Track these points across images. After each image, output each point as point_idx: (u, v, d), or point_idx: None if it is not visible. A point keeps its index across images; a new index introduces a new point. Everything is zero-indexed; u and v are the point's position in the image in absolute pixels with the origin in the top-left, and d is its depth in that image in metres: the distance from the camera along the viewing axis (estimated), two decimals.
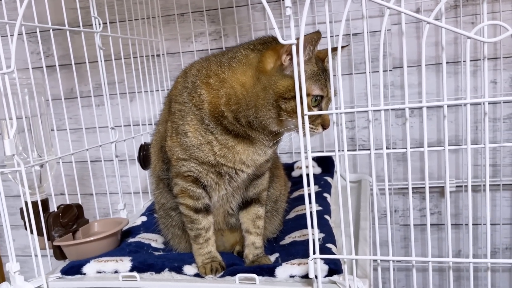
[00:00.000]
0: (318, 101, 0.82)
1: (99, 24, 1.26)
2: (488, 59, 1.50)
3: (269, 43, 0.85)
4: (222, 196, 0.93)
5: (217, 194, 0.93)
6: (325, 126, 0.84)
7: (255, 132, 0.86)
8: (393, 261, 0.78)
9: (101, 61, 1.28)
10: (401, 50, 1.55)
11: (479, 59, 1.49)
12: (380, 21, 1.56)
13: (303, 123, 0.73)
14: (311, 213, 0.75)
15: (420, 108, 1.44)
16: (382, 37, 0.71)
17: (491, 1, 1.44)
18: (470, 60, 1.51)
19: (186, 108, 0.87)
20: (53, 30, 1.09)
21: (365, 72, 1.63)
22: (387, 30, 1.54)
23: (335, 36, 1.59)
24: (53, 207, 1.06)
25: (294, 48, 0.71)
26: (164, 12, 1.71)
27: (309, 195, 0.75)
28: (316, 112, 0.80)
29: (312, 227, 0.76)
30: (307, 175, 0.74)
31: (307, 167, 0.73)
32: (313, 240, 0.76)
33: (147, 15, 1.62)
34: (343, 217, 1.17)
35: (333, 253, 0.89)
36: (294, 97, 0.77)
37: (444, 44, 0.70)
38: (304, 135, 0.74)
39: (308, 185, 0.74)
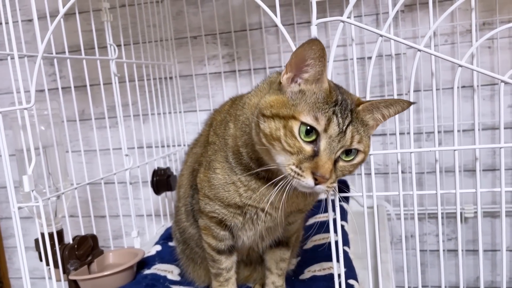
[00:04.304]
0: (312, 136, 0.62)
1: (114, 50, 1.25)
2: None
3: None
4: (249, 237, 0.87)
5: (245, 235, 0.86)
6: (316, 174, 0.61)
7: (271, 172, 0.72)
8: None
9: (115, 86, 1.27)
10: (417, 74, 1.54)
11: (496, 83, 1.47)
12: (395, 44, 1.54)
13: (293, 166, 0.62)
14: (337, 255, 0.73)
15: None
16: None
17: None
18: (487, 85, 1.50)
19: (220, 142, 0.80)
20: (70, 58, 1.09)
21: (380, 96, 1.62)
22: (403, 53, 1.53)
23: (350, 59, 1.59)
24: (68, 233, 1.06)
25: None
26: (176, 35, 1.71)
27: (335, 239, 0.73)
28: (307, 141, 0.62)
29: (338, 260, 0.74)
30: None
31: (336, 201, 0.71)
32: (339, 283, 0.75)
33: (160, 38, 1.62)
34: (362, 247, 1.14)
35: None
36: (274, 116, 0.63)
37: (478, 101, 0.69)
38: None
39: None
